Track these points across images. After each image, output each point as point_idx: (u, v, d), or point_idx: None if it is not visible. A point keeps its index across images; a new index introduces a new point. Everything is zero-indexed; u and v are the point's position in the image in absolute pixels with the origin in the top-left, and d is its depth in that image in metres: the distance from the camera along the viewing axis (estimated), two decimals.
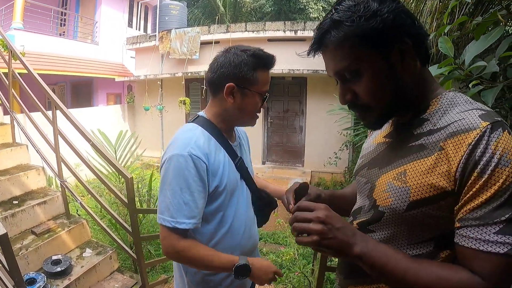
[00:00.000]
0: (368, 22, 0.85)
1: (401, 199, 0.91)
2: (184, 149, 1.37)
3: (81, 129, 2.99)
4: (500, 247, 0.76)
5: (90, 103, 13.38)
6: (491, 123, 0.80)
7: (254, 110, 1.53)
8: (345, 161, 8.83)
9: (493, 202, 0.77)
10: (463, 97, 0.93)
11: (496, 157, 0.77)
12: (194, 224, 1.38)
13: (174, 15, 11.82)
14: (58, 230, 3.28)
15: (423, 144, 0.91)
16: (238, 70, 1.44)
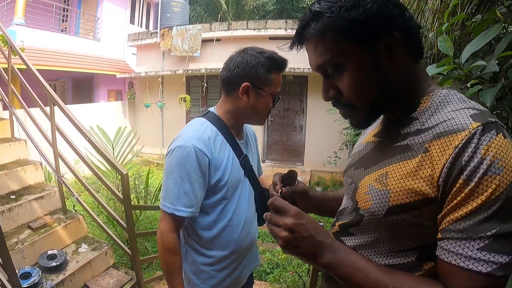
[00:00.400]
0: (349, 13, 0.78)
1: (380, 203, 0.84)
2: (188, 142, 1.45)
3: (78, 125, 2.99)
4: (483, 266, 0.67)
5: (91, 99, 13.42)
6: (483, 124, 0.71)
7: (266, 110, 1.58)
8: (344, 161, 8.77)
9: (479, 214, 0.69)
10: (456, 95, 0.84)
11: (486, 163, 0.68)
12: (191, 213, 1.47)
13: (176, 12, 11.80)
14: (54, 225, 3.29)
15: (408, 145, 0.83)
16: (255, 71, 1.50)
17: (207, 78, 9.93)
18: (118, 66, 12.98)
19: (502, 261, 0.66)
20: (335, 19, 0.80)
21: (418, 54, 0.88)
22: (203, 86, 10.02)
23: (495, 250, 0.67)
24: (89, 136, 2.97)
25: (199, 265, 1.62)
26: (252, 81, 1.51)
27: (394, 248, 0.86)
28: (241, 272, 1.73)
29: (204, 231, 1.59)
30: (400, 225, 0.81)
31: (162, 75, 10.65)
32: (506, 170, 0.67)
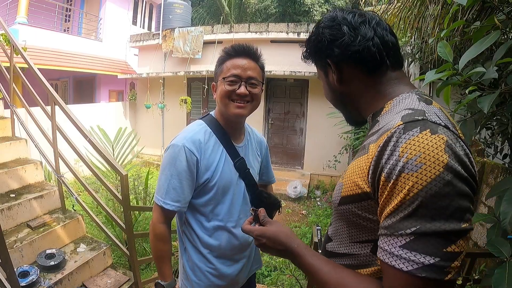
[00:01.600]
0: (308, 44, 1.06)
1: (337, 194, 0.95)
2: (180, 141, 1.56)
3: (79, 125, 3.00)
4: (404, 264, 0.68)
5: (92, 99, 13.42)
6: (405, 122, 0.74)
7: (223, 95, 1.59)
8: (344, 165, 8.80)
9: (400, 212, 0.70)
10: (408, 98, 0.88)
11: (402, 161, 0.69)
12: (178, 207, 1.58)
13: (178, 14, 11.83)
14: (53, 224, 3.29)
15: (364, 145, 0.90)
16: (215, 69, 1.68)
17: (208, 80, 9.94)
18: (119, 67, 13.00)
19: (425, 261, 0.66)
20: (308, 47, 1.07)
21: (374, 66, 0.95)
22: (204, 88, 10.03)
23: (416, 249, 0.67)
24: (90, 136, 2.98)
25: (196, 262, 1.70)
26: (214, 79, 1.69)
27: (352, 239, 0.94)
28: (238, 272, 1.77)
29: (199, 229, 1.67)
30: (350, 215, 0.90)
31: (164, 77, 10.65)
32: (425, 166, 0.68)
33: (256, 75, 1.61)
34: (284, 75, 9.05)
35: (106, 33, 13.21)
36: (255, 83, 1.61)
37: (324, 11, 17.66)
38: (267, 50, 9.49)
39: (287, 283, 4.04)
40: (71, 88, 13.93)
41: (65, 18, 13.40)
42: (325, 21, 0.98)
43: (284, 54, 9.17)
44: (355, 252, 0.93)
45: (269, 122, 10.12)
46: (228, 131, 1.70)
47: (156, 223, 1.62)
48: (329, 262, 0.90)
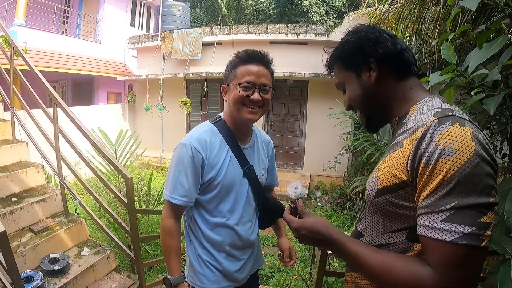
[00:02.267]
0: (342, 49, 1.17)
1: (372, 187, 1.05)
2: (188, 140, 1.66)
3: (82, 128, 2.98)
4: (446, 235, 0.79)
5: (91, 101, 13.39)
6: (438, 118, 0.88)
7: (236, 101, 1.63)
8: (344, 165, 8.81)
9: (439, 191, 0.81)
10: (433, 100, 1.02)
11: (440, 148, 0.82)
12: (185, 202, 1.67)
13: (177, 16, 11.80)
14: (56, 228, 3.27)
15: (395, 142, 1.02)
16: (226, 72, 1.72)
17: (208, 82, 9.93)
18: (118, 69, 12.97)
19: (464, 230, 0.78)
20: (337, 52, 1.21)
21: (404, 72, 1.12)
22: (204, 90, 10.01)
23: (456, 221, 0.79)
24: (93, 139, 2.96)
25: (200, 254, 1.78)
26: (225, 82, 1.73)
27: (387, 229, 1.04)
28: (239, 268, 1.84)
29: (203, 224, 1.76)
30: (386, 205, 1.00)
31: (163, 78, 10.63)
32: (459, 152, 0.81)
33: (268, 82, 1.67)
34: (283, 76, 9.05)
35: (104, 35, 13.19)
36: (267, 89, 1.67)
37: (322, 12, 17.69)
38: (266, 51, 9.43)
39: (293, 284, 4.03)
40: (69, 90, 13.89)
41: (63, 19, 13.35)
42: (365, 28, 1.14)
43: (283, 55, 9.17)
44: (391, 242, 1.03)
45: (269, 123, 10.11)
46: (235, 133, 1.76)
47: (164, 218, 1.74)
48: (371, 247, 1.00)
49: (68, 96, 13.71)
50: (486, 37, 1.45)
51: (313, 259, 4.22)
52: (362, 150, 6.62)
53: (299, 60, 9.22)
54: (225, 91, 1.74)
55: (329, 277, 3.90)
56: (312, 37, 9.03)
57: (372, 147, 6.08)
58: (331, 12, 18.14)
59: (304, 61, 9.10)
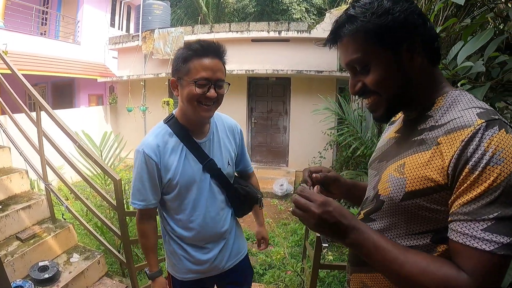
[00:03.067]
0: (379, 19, 0.91)
1: (398, 189, 0.95)
2: (140, 146, 1.67)
3: (67, 130, 2.93)
4: (486, 245, 0.77)
5: (72, 104, 13.13)
6: (487, 121, 0.81)
7: (192, 98, 1.58)
8: (329, 161, 8.87)
9: (482, 199, 0.78)
10: (467, 96, 0.95)
11: (488, 155, 0.77)
12: (144, 206, 1.72)
13: (157, 15, 11.70)
14: (44, 235, 3.19)
15: (423, 139, 0.94)
16: (176, 65, 1.63)
17: None
18: (98, 70, 12.79)
19: (504, 241, 0.75)
20: (367, 23, 0.93)
21: (436, 59, 1.01)
22: None
23: (497, 231, 0.76)
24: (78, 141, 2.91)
25: (174, 248, 1.85)
26: (176, 75, 1.64)
27: (410, 231, 0.96)
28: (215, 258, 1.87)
29: (172, 222, 1.82)
30: (414, 209, 0.92)
31: (144, 79, 10.52)
32: (506, 161, 0.77)
33: (223, 76, 1.62)
34: (266, 73, 9.09)
35: (84, 36, 12.95)
36: (222, 84, 1.63)
37: (302, 10, 17.76)
38: (248, 50, 9.50)
39: (287, 279, 4.04)
40: (49, 93, 13.59)
41: (41, 21, 13.07)
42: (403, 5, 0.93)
43: (266, 53, 9.20)
44: (413, 244, 0.95)
45: (252, 121, 10.12)
46: (189, 129, 1.74)
47: (136, 222, 1.85)
48: (398, 244, 0.93)
49: (49, 100, 13.38)
50: (471, 31, 1.48)
51: (304, 254, 4.24)
52: (347, 145, 6.65)
53: (281, 58, 9.23)
54: (175, 85, 1.66)
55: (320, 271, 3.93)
56: (294, 34, 9.05)
57: (357, 142, 6.12)
58: (311, 10, 18.23)
59: (287, 58, 9.12)
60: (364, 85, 1.00)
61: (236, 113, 1.88)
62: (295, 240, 5.70)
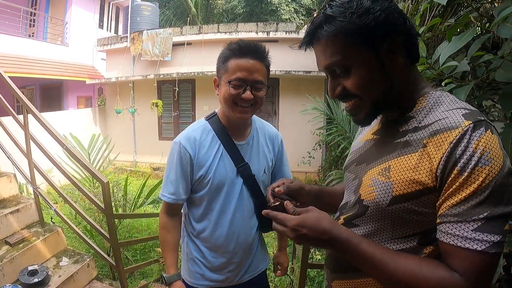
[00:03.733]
0: (360, 19, 0.87)
1: (384, 194, 0.93)
2: (178, 137, 1.65)
3: (55, 133, 2.92)
4: (477, 244, 0.77)
5: (60, 106, 13.03)
6: (473, 122, 0.81)
7: (227, 98, 1.54)
8: (318, 161, 8.92)
9: (472, 200, 0.78)
10: (449, 96, 0.94)
11: (477, 156, 0.77)
12: (173, 200, 1.66)
13: (146, 16, 11.67)
14: (33, 239, 3.17)
15: (408, 141, 0.93)
16: (217, 64, 1.61)
17: (179, 83, 9.87)
18: (87, 72, 12.70)
19: (494, 239, 0.76)
20: (347, 23, 0.88)
21: (415, 58, 0.98)
22: (175, 91, 9.93)
23: (487, 231, 0.77)
24: (66, 144, 2.90)
25: (191, 250, 1.77)
26: (217, 74, 1.62)
27: (396, 235, 0.95)
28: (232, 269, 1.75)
29: (195, 222, 1.74)
30: (401, 213, 0.91)
31: (133, 80, 10.50)
32: (494, 161, 0.77)
33: (262, 78, 1.55)
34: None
35: (72, 38, 12.85)
36: (260, 87, 1.56)
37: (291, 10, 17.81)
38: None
39: (276, 279, 4.06)
40: (37, 96, 13.46)
41: (29, 23, 12.92)
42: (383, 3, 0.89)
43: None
44: (399, 248, 0.94)
45: None
46: (229, 129, 1.68)
47: (160, 213, 1.77)
48: (388, 249, 0.93)
49: (37, 102, 13.27)
50: (455, 31, 1.48)
51: (294, 254, 4.26)
52: (335, 144, 6.67)
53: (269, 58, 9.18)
54: (216, 84, 1.65)
55: (310, 270, 3.96)
56: (282, 35, 9.10)
57: (345, 141, 6.15)
58: (300, 10, 18.32)
59: (275, 59, 8.91)
60: (345, 88, 0.96)
61: None
62: None
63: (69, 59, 12.33)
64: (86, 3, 13.65)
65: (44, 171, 3.36)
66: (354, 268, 0.98)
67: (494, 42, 2.01)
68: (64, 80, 12.18)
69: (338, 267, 1.13)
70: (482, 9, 1.73)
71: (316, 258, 3.81)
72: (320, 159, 8.97)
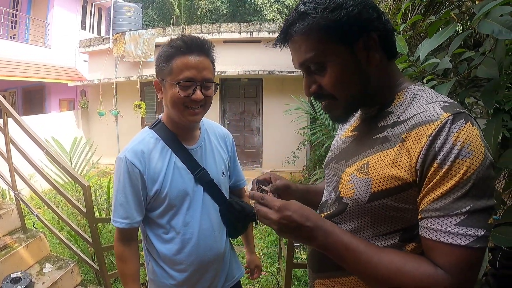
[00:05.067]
0: (332, 14, 0.87)
1: (363, 190, 0.91)
2: (123, 153, 1.47)
3: (35, 137, 2.88)
4: (461, 239, 0.75)
5: (43, 109, 12.78)
6: (453, 114, 0.80)
7: (177, 102, 1.42)
8: (303, 160, 8.96)
9: (453, 194, 0.76)
10: (428, 90, 0.93)
11: (457, 148, 0.76)
12: (128, 224, 1.48)
13: (128, 17, 11.59)
14: (15, 246, 3.12)
15: (386, 136, 0.92)
16: (158, 63, 1.46)
17: None
18: (69, 74, 12.47)
19: (478, 234, 0.75)
20: (319, 19, 0.88)
21: (392, 54, 0.98)
22: None
23: (471, 225, 0.75)
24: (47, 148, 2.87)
25: (158, 277, 1.60)
26: (159, 76, 1.48)
27: (377, 232, 0.93)
28: (208, 285, 1.65)
29: (158, 243, 1.57)
30: (381, 210, 0.89)
31: (116, 82, 10.40)
32: (475, 153, 0.76)
33: (211, 75, 1.46)
34: (238, 75, 9.16)
35: (54, 39, 12.58)
36: (209, 85, 1.46)
37: (275, 11, 17.86)
38: (220, 51, 9.27)
39: (263, 280, 4.07)
40: (19, 99, 13.21)
41: (11, 24, 12.67)
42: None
43: (237, 54, 9.22)
44: (381, 245, 0.92)
45: (225, 122, 10.11)
46: (178, 134, 1.55)
47: (115, 243, 1.58)
48: (372, 244, 0.90)
49: (19, 105, 13.01)
50: (436, 28, 1.47)
51: (280, 254, 4.28)
52: (320, 143, 6.69)
53: (253, 59, 9.29)
54: (158, 87, 1.50)
55: (297, 270, 3.97)
56: (265, 35, 9.11)
57: (329, 140, 6.16)
58: (283, 11, 18.37)
59: (258, 59, 9.18)
60: (320, 87, 0.96)
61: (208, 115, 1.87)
62: (271, 240, 5.70)
63: (51, 61, 12.09)
64: (68, 4, 13.41)
65: (26, 175, 3.31)
66: (335, 267, 0.97)
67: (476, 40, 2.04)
68: (46, 83, 11.96)
69: (319, 266, 1.11)
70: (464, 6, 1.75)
71: (301, 258, 3.83)
72: (305, 159, 9.01)
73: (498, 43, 1.27)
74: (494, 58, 1.26)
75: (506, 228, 1.24)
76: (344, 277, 1.01)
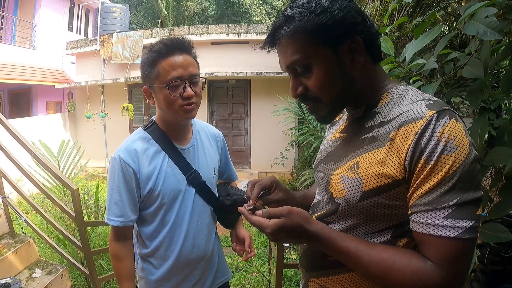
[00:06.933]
0: (318, 18, 0.90)
1: (354, 190, 0.94)
2: (117, 152, 1.51)
3: (22, 140, 2.85)
4: (450, 231, 0.78)
5: (30, 112, 12.63)
6: (437, 111, 0.83)
7: (172, 103, 1.45)
8: (291, 161, 9.00)
9: (440, 188, 0.79)
10: (412, 90, 0.97)
11: (442, 144, 0.79)
12: (122, 223, 1.51)
13: (116, 18, 11.48)
14: (3, 251, 3.09)
15: (374, 136, 0.95)
16: (144, 70, 1.50)
17: None
18: (56, 76, 12.34)
19: (466, 225, 0.78)
20: (305, 23, 0.91)
21: (377, 56, 1.02)
22: None
23: (459, 217, 0.78)
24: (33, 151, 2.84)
25: (147, 274, 1.64)
26: (146, 82, 1.51)
27: (369, 230, 0.96)
28: (193, 284, 1.68)
29: (148, 241, 1.61)
30: (373, 208, 0.92)
31: (103, 84, 10.31)
32: (460, 148, 0.79)
33: (197, 71, 1.49)
34: (226, 76, 9.15)
35: (41, 41, 12.43)
36: (197, 80, 1.49)
37: (262, 12, 17.88)
38: (208, 52, 9.43)
39: (253, 281, 4.07)
40: (6, 102, 13.01)
41: None
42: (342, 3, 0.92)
43: (225, 56, 9.24)
44: (374, 242, 0.95)
45: (213, 124, 10.04)
46: (170, 135, 1.59)
47: (110, 241, 1.61)
48: (365, 241, 0.93)
49: (5, 108, 12.80)
50: (422, 29, 1.49)
51: (270, 254, 4.29)
52: (308, 144, 6.72)
53: (241, 60, 9.31)
54: (148, 93, 1.53)
55: (288, 270, 3.99)
56: (253, 37, 9.13)
57: (317, 141, 6.20)
58: (271, 12, 18.42)
59: (246, 61, 9.19)
60: (306, 89, 0.99)
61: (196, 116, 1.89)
62: (261, 241, 5.70)
63: (38, 63, 11.94)
64: (55, 5, 13.25)
65: (14, 179, 3.28)
66: (328, 265, 1.03)
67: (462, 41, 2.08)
68: (33, 85, 11.83)
69: (312, 265, 1.14)
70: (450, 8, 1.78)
71: (291, 258, 3.85)
72: (293, 159, 9.05)
73: (483, 43, 1.30)
74: (480, 58, 1.29)
75: (494, 224, 1.27)
76: (337, 275, 1.04)
